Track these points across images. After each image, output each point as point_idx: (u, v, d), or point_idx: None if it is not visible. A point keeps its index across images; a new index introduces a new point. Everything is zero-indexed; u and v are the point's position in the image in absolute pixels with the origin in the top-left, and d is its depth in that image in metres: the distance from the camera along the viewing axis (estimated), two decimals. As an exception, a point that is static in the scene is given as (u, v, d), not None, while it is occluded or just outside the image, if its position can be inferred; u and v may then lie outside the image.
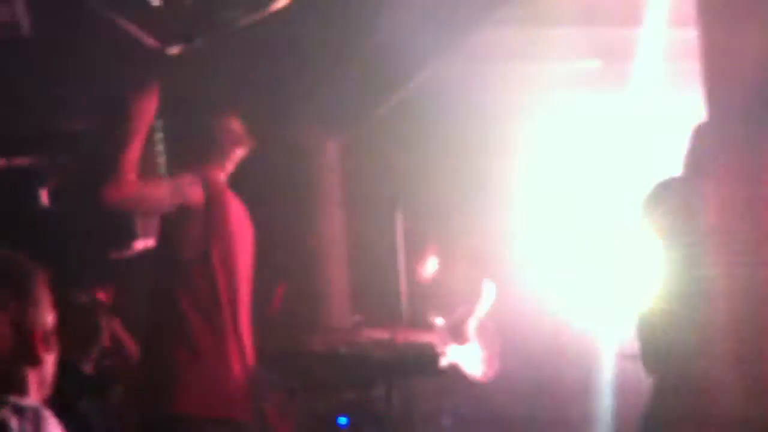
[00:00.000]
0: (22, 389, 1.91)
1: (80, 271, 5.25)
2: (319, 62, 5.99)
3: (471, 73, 6.57)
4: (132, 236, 5.92)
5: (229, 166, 3.97)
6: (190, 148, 3.99)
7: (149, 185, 3.78)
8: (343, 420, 5.00)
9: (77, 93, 6.35)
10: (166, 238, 3.83)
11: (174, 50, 3.87)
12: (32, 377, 1.93)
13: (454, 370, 5.86)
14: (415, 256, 6.38)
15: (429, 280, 6.62)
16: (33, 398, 1.93)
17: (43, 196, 6.44)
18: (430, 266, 6.58)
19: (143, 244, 5.35)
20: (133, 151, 3.58)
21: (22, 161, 6.66)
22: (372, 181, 7.39)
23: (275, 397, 5.34)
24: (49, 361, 1.97)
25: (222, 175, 3.94)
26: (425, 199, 7.01)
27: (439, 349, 5.38)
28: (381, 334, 5.81)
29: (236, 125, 3.99)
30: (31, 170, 6.52)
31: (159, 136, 4.93)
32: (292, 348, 4.89)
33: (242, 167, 4.38)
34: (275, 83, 6.41)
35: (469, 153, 7.45)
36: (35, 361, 1.92)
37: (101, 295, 5.25)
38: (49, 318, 1.95)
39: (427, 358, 5.14)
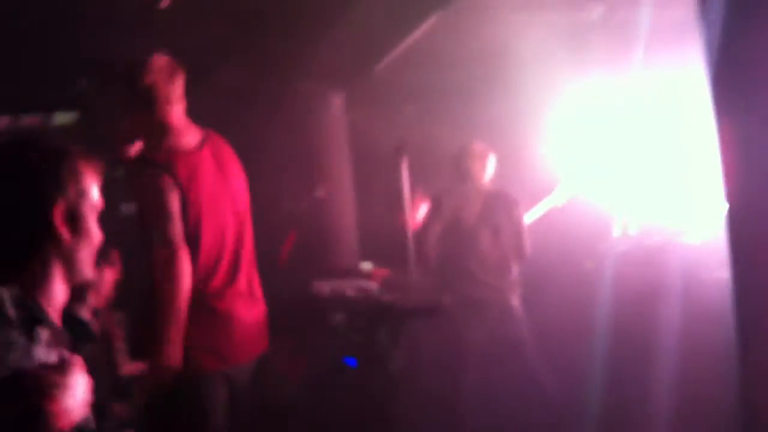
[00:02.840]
0: (43, 268, 1.88)
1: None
2: (321, 17, 6.03)
3: (472, 23, 6.60)
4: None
5: (178, 107, 3.76)
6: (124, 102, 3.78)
7: None
8: (350, 362, 5.14)
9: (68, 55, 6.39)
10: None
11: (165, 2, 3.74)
12: (55, 257, 1.89)
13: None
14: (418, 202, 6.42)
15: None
16: (57, 282, 1.90)
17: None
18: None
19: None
20: None
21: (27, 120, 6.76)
22: (377, 131, 7.48)
23: (285, 341, 5.49)
24: (80, 245, 1.92)
25: (176, 137, 3.77)
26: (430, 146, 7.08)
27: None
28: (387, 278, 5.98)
29: (160, 61, 3.72)
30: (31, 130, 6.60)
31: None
32: (301, 293, 5.01)
33: (251, 123, 4.46)
34: (277, 41, 6.48)
35: (473, 101, 7.50)
36: (53, 238, 1.87)
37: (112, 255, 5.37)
38: (81, 200, 1.91)
39: (433, 300, 5.29)
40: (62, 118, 7.22)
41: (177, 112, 3.75)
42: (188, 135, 3.79)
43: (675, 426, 5.04)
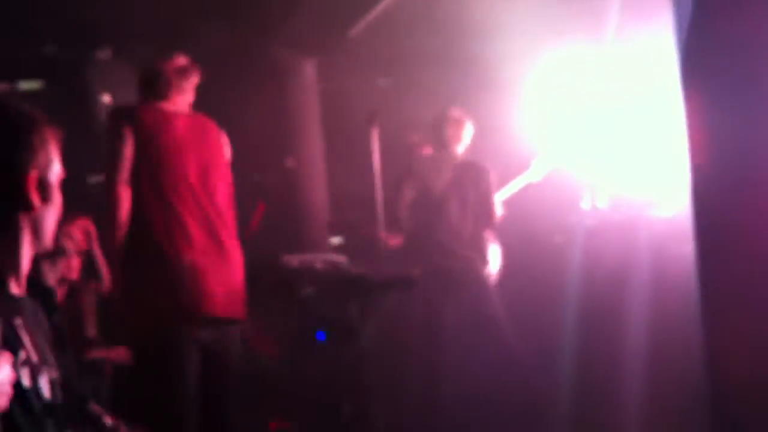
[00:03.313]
0: (13, 235, 1.92)
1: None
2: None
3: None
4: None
5: (180, 97, 4.15)
6: (140, 84, 4.20)
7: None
8: (320, 335, 5.14)
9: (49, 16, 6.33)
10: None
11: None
12: (25, 224, 1.94)
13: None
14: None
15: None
16: (26, 247, 1.94)
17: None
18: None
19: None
20: None
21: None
22: (349, 100, 7.42)
23: (253, 314, 5.48)
24: (47, 213, 1.97)
25: (167, 105, 4.10)
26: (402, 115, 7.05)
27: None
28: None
29: (181, 60, 4.21)
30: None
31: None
32: (270, 265, 5.00)
33: (220, 90, 4.49)
34: (249, 5, 6.42)
35: (446, 69, 7.45)
36: (25, 206, 1.92)
37: (83, 222, 5.33)
38: (49, 168, 1.96)
39: (402, 273, 5.28)
40: (28, 84, 7.14)
41: (180, 101, 4.14)
42: (177, 108, 4.14)
43: (644, 397, 5.09)
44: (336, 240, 6.97)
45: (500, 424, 5.30)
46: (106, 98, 7.04)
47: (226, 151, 4.25)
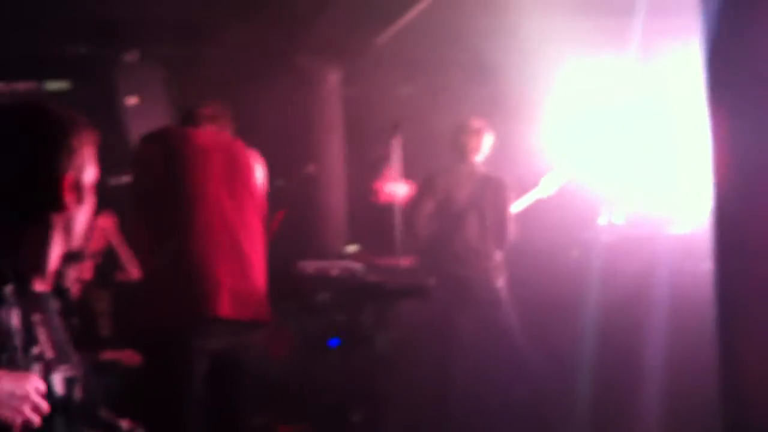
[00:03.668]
0: (44, 233, 1.98)
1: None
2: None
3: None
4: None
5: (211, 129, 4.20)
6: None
7: None
8: (334, 342, 5.14)
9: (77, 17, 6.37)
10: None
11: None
12: (57, 224, 1.99)
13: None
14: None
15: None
16: (56, 246, 2.00)
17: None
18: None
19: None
20: None
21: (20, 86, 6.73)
22: (372, 109, 7.43)
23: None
24: (79, 214, 2.02)
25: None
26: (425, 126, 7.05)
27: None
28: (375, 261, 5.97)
29: (214, 106, 4.24)
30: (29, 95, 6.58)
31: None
32: (287, 271, 5.01)
33: (244, 95, 4.51)
34: (275, 13, 6.43)
35: (471, 79, 7.45)
36: (58, 206, 1.97)
37: (104, 219, 5.37)
38: (85, 171, 2.01)
39: (417, 282, 5.29)
40: (54, 84, 7.19)
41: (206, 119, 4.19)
42: (207, 132, 4.15)
43: (660, 416, 5.06)
44: (352, 247, 6.96)
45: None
46: (132, 100, 7.07)
47: (257, 168, 4.26)
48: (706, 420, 4.34)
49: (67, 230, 2.00)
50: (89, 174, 2.03)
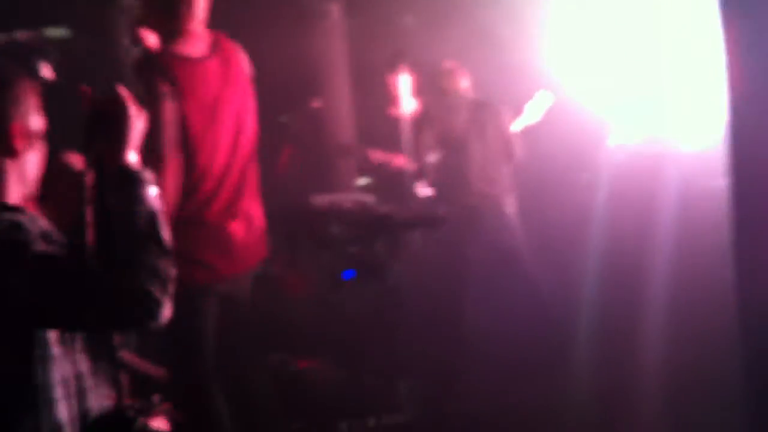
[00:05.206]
0: None
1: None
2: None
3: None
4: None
5: (196, 23, 3.78)
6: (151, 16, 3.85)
7: None
8: (348, 274, 5.15)
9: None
10: None
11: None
12: (11, 169, 2.11)
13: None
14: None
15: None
16: (13, 191, 2.11)
17: (48, 70, 6.46)
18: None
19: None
20: None
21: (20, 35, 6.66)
22: (376, 41, 7.35)
23: (282, 255, 5.49)
24: (31, 159, 2.15)
25: (188, 46, 3.77)
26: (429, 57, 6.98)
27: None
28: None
29: None
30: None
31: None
32: (298, 205, 5.00)
33: (245, 29, 4.40)
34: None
35: (474, 8, 7.36)
36: (10, 152, 2.10)
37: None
38: (32, 119, 2.13)
39: (428, 212, 5.28)
40: (55, 32, 7.11)
41: (196, 21, 3.76)
42: (199, 42, 3.77)
43: (670, 335, 5.07)
44: (364, 180, 6.95)
45: (522, 360, 5.32)
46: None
47: (249, 75, 3.95)
48: (719, 341, 4.36)
49: (21, 175, 2.12)
50: (36, 122, 2.14)
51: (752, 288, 3.32)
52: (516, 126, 6.25)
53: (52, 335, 2.00)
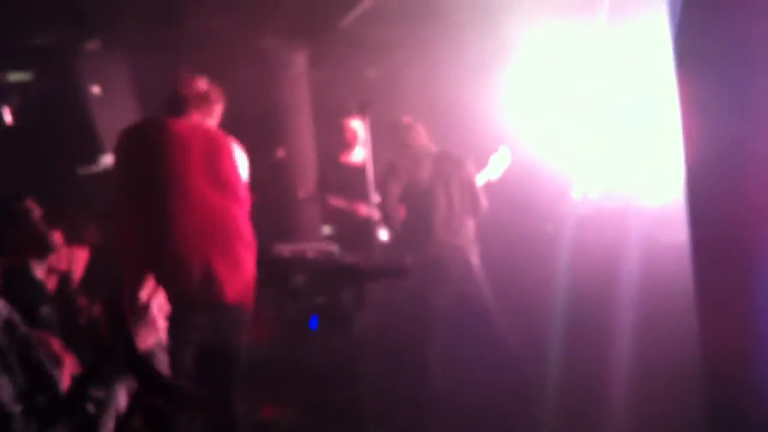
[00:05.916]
0: None
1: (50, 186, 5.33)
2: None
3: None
4: (98, 150, 6.03)
5: (199, 116, 4.18)
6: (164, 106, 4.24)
7: None
8: (312, 323, 5.14)
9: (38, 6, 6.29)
10: None
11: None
12: None
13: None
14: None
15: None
16: None
17: (6, 114, 6.45)
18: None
19: (110, 159, 5.44)
20: None
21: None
22: (339, 91, 7.41)
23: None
24: None
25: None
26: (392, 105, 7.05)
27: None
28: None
29: (201, 83, 4.26)
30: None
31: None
32: (261, 253, 4.99)
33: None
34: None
35: (437, 60, 7.45)
36: None
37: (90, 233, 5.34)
38: None
39: (394, 262, 5.29)
40: (16, 75, 7.09)
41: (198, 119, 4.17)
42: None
43: (635, 386, 5.11)
44: (328, 229, 6.95)
45: (488, 409, 5.33)
46: (96, 89, 7.00)
47: (239, 157, 4.28)
48: (681, 391, 4.41)
49: None
50: None
51: (715, 339, 3.36)
52: (480, 179, 6.33)
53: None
